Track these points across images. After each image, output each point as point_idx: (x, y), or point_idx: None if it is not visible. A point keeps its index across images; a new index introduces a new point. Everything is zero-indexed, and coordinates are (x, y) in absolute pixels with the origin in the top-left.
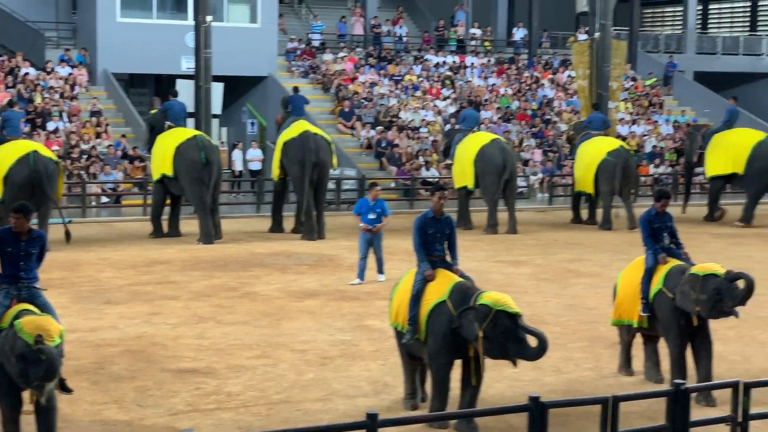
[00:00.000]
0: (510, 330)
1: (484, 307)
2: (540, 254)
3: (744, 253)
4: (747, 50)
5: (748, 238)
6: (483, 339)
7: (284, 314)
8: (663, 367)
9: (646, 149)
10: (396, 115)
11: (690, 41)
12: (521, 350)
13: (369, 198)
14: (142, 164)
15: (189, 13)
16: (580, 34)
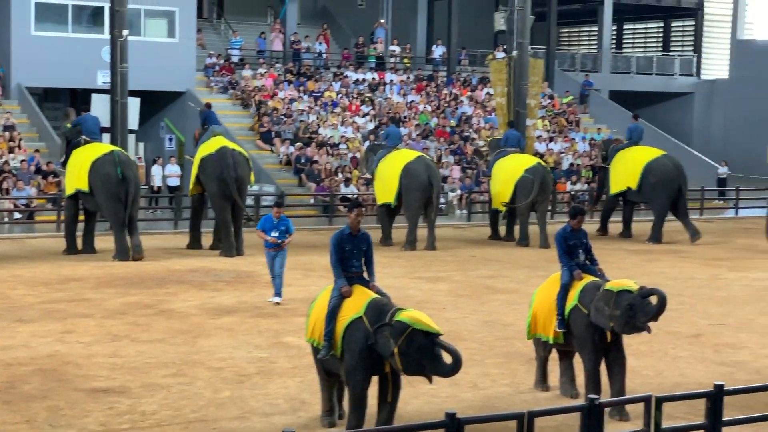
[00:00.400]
0: (425, 347)
1: (401, 324)
2: (458, 271)
3: (658, 270)
4: (660, 70)
5: (662, 255)
6: (398, 355)
7: (201, 332)
8: (578, 382)
9: (563, 166)
10: (315, 132)
11: (605, 60)
12: (436, 367)
13: (273, 215)
14: (56, 180)
15: (105, 27)
16: (498, 52)
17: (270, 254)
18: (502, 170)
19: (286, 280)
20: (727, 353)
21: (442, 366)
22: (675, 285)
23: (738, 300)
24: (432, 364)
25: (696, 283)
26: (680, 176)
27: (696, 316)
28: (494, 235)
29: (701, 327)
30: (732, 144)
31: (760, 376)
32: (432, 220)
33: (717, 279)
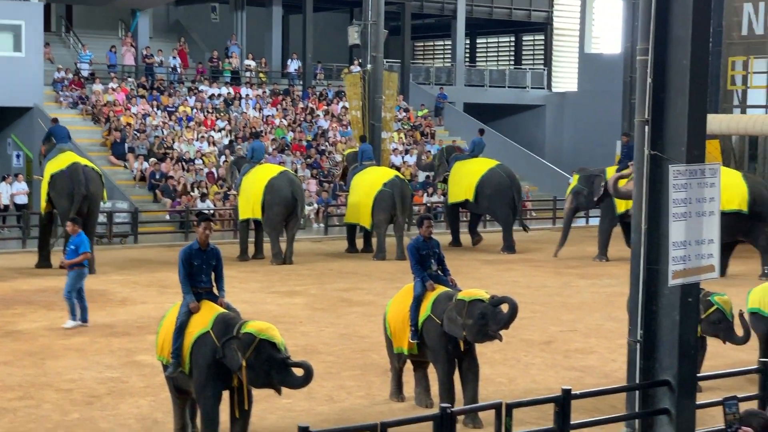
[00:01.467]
0: (273, 359)
1: (248, 336)
2: (315, 284)
3: (512, 279)
4: (512, 83)
5: (516, 264)
6: (246, 368)
7: (49, 353)
8: (433, 391)
9: (419, 179)
10: (170, 147)
11: (459, 74)
12: (286, 378)
13: (68, 230)
14: None
15: None
16: (353, 66)
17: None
18: (361, 185)
19: (141, 296)
20: (577, 358)
21: (293, 378)
22: (528, 293)
23: (588, 306)
24: (281, 375)
25: (548, 291)
26: (513, 185)
27: (548, 323)
28: (351, 248)
29: (552, 334)
30: (582, 154)
31: (608, 380)
32: (293, 235)
33: (568, 286)
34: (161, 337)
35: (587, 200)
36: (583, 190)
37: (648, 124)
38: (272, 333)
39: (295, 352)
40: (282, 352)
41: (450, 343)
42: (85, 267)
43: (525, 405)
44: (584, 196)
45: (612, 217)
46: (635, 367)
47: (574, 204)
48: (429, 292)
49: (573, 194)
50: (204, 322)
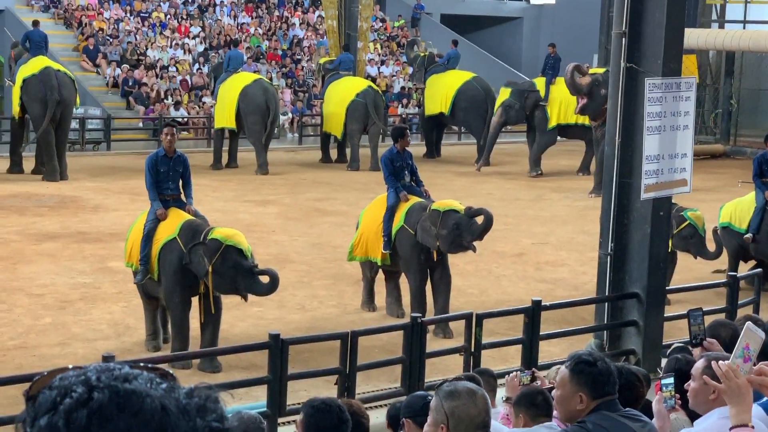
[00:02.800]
0: (239, 265)
1: (214, 242)
2: (288, 194)
3: (486, 191)
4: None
5: (490, 177)
6: (213, 274)
7: (21, 258)
8: (405, 302)
9: (395, 90)
10: (143, 54)
11: None
12: (252, 285)
13: None
14: None
15: None
16: None
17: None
18: (335, 94)
19: (113, 203)
20: (548, 271)
21: (258, 285)
22: (501, 206)
23: (560, 220)
24: (246, 282)
25: (521, 204)
26: (488, 98)
27: (520, 235)
28: (325, 158)
29: (524, 246)
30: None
31: (578, 292)
32: (267, 144)
33: (541, 199)
34: (129, 243)
35: (517, 114)
36: (514, 104)
37: (625, 37)
38: (239, 239)
39: (268, 261)
40: (248, 259)
41: (423, 253)
42: None
43: (495, 316)
44: (515, 110)
45: (544, 130)
46: (605, 280)
47: (503, 118)
48: (402, 203)
49: (503, 108)
50: (171, 228)
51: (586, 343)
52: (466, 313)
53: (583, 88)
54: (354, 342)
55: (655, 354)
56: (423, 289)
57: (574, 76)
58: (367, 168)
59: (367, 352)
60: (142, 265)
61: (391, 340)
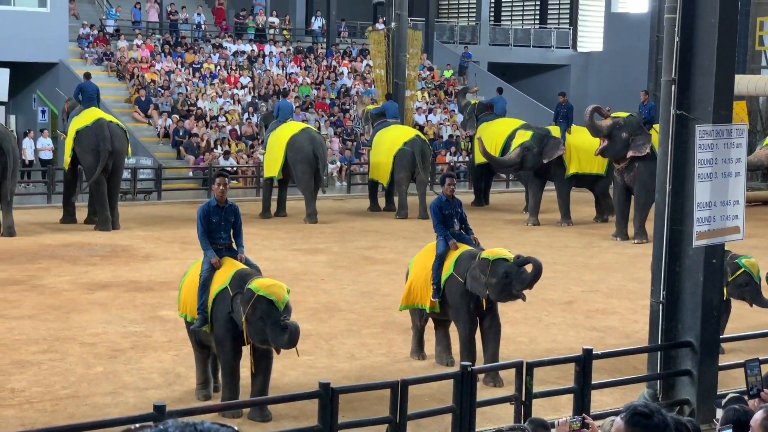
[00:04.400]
0: (268, 316)
1: (248, 292)
2: (337, 242)
3: (534, 239)
4: (537, 42)
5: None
6: (246, 323)
7: (74, 307)
8: (454, 350)
9: (443, 138)
10: (194, 104)
11: (484, 33)
12: (275, 337)
13: None
14: None
15: None
16: (378, 24)
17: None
18: (382, 142)
19: (164, 252)
20: (599, 319)
21: (280, 337)
22: (550, 253)
23: (610, 267)
24: (272, 333)
25: (570, 251)
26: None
27: (569, 283)
28: (373, 207)
29: (574, 294)
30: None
31: (629, 341)
32: (315, 193)
33: (590, 247)
34: (183, 293)
35: (535, 159)
36: (533, 147)
37: (675, 84)
38: (273, 290)
39: (317, 310)
40: (278, 311)
41: (472, 301)
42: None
43: (546, 364)
44: (533, 154)
45: (562, 179)
46: (657, 328)
47: (519, 158)
48: (452, 251)
49: (522, 148)
50: (224, 278)
51: (639, 393)
52: (517, 361)
53: (604, 130)
54: (404, 390)
55: (710, 404)
56: (472, 337)
57: (594, 117)
58: (415, 216)
59: (417, 401)
60: (200, 313)
61: (441, 388)
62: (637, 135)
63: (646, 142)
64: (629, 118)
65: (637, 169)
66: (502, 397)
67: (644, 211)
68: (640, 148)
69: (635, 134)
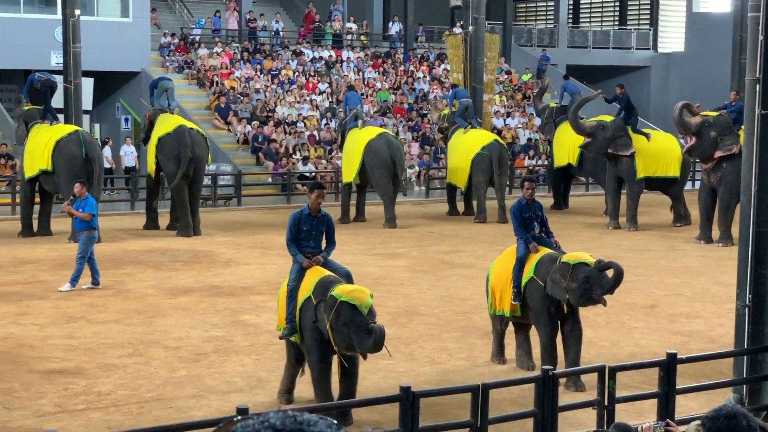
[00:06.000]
0: (352, 321)
1: (331, 299)
2: (416, 246)
3: (615, 242)
4: (617, 44)
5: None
6: (331, 330)
7: (157, 311)
8: (535, 354)
9: (521, 141)
10: (272, 110)
11: (562, 35)
12: (361, 342)
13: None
14: (11, 162)
15: (58, 7)
16: (455, 28)
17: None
18: (459, 146)
19: (244, 257)
20: (682, 323)
21: (365, 342)
22: (631, 256)
23: (694, 270)
24: (357, 338)
25: (652, 254)
26: None
27: (652, 286)
28: (452, 211)
29: (657, 297)
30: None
31: (714, 345)
32: (393, 198)
33: (673, 250)
34: (281, 306)
35: (602, 143)
36: (608, 130)
37: (759, 83)
38: (355, 296)
39: (397, 314)
40: (362, 315)
41: (552, 305)
42: (96, 230)
43: (629, 369)
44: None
45: (633, 181)
46: (743, 332)
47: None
48: (532, 254)
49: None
50: (308, 287)
51: (724, 398)
52: (599, 365)
53: (692, 128)
54: (485, 395)
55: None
56: (553, 341)
57: (683, 114)
58: (494, 220)
59: (498, 405)
60: (289, 322)
61: (522, 393)
62: (726, 135)
63: (734, 143)
64: (718, 117)
65: (725, 170)
66: (584, 401)
67: (729, 213)
68: (728, 149)
69: (724, 134)
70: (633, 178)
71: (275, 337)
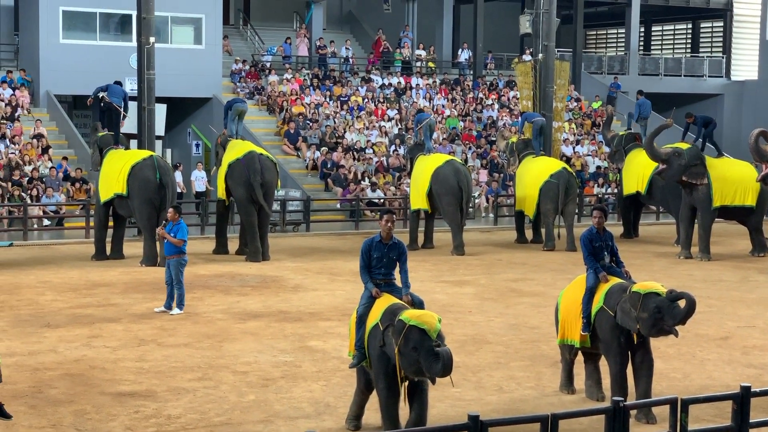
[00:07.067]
0: (421, 345)
1: (400, 323)
2: (484, 274)
3: (686, 272)
4: (689, 71)
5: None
6: (398, 355)
7: (227, 336)
8: (605, 385)
9: (590, 169)
10: (341, 136)
11: (633, 62)
12: (429, 366)
13: (169, 217)
14: (86, 186)
15: (132, 34)
16: (525, 55)
17: (170, 261)
18: (527, 174)
19: (313, 283)
20: (756, 355)
21: (434, 366)
22: (703, 287)
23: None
24: (426, 362)
25: (725, 285)
26: None
27: (724, 318)
28: (521, 238)
29: (729, 329)
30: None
31: None
32: (461, 225)
33: (746, 281)
34: (352, 333)
35: (677, 171)
36: (684, 158)
37: None
38: (424, 320)
39: (464, 342)
40: (431, 339)
41: (623, 335)
42: (185, 254)
43: (701, 401)
44: (679, 163)
45: (707, 209)
46: None
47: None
48: (602, 284)
49: (673, 151)
50: (376, 314)
51: None
52: (671, 398)
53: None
54: (554, 425)
55: None
56: (624, 372)
57: (758, 141)
58: (563, 248)
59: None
60: (358, 349)
61: (591, 424)
62: None
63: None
64: None
65: None
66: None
67: None
68: None
69: None
70: (708, 206)
71: (343, 363)
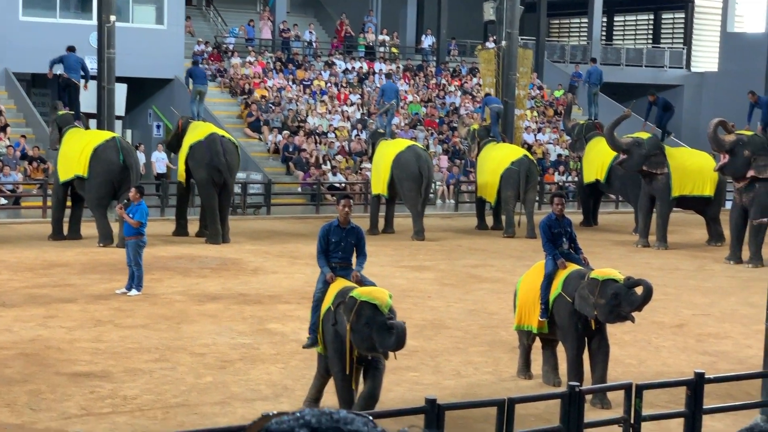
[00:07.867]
0: (373, 320)
1: (351, 300)
2: (444, 260)
3: (643, 260)
4: (650, 62)
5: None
6: (351, 332)
7: (185, 317)
8: (561, 370)
9: (551, 157)
10: (303, 120)
11: (595, 52)
12: (382, 340)
13: (131, 197)
14: (44, 166)
15: (93, 12)
16: (488, 42)
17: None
18: (489, 161)
19: (272, 266)
20: (710, 343)
21: (387, 339)
22: (660, 275)
23: (723, 291)
24: (379, 336)
25: (681, 274)
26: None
27: (680, 306)
28: (481, 225)
29: (685, 317)
30: None
31: (742, 366)
32: (422, 211)
33: (703, 270)
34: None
35: (637, 162)
36: (644, 147)
37: None
38: (375, 295)
39: (423, 327)
40: (383, 314)
41: (580, 321)
42: (143, 236)
43: (656, 387)
44: (639, 153)
45: (666, 199)
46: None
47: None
48: (560, 270)
49: (634, 141)
50: (329, 298)
51: (752, 419)
52: (626, 383)
53: (726, 145)
54: (511, 409)
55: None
56: (580, 357)
57: (717, 131)
58: (522, 235)
59: (523, 420)
60: (311, 333)
61: (547, 408)
62: (760, 155)
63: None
64: (753, 137)
65: (757, 190)
66: (610, 419)
67: (760, 234)
68: (761, 170)
69: (758, 154)
70: (666, 196)
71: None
